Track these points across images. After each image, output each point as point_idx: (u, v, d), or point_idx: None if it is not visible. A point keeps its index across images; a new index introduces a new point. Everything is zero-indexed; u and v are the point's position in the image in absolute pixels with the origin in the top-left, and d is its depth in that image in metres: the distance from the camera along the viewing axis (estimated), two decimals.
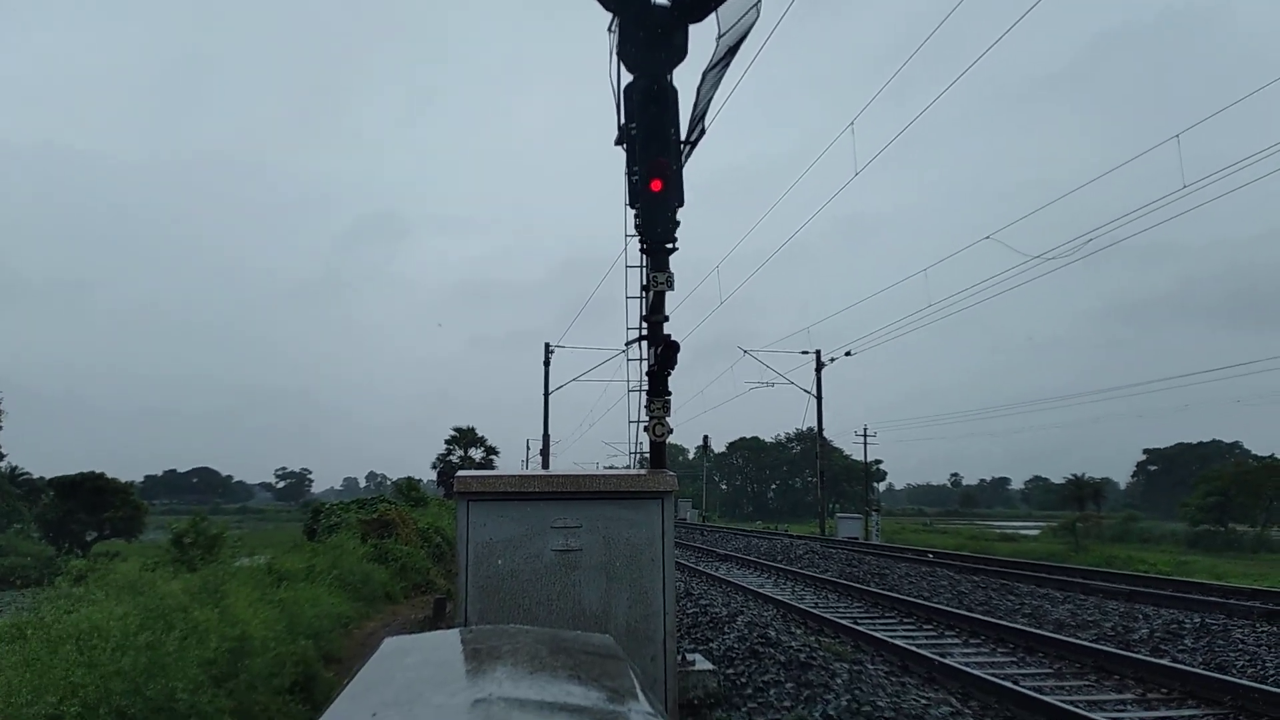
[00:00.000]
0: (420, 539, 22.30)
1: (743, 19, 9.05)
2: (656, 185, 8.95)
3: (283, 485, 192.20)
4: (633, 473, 6.62)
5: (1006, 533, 63.66)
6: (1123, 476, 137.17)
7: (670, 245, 9.26)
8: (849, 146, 15.63)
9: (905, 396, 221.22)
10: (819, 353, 47.05)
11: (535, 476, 6.11)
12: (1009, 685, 8.56)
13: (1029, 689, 8.54)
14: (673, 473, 6.35)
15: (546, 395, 42.82)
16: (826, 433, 50.43)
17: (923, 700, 7.91)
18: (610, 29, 9.35)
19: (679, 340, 9.23)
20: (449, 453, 73.07)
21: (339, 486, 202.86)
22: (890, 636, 11.80)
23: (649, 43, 8.99)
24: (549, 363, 42.60)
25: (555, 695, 1.98)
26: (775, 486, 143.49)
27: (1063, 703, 7.94)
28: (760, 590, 17.89)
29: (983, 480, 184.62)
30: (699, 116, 9.97)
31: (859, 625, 12.81)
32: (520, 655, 2.35)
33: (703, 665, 8.24)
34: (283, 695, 7.44)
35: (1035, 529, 67.33)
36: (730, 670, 9.06)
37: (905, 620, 14.06)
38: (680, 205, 9.20)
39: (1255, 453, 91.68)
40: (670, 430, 9.47)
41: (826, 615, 13.76)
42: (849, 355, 43.46)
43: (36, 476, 62.67)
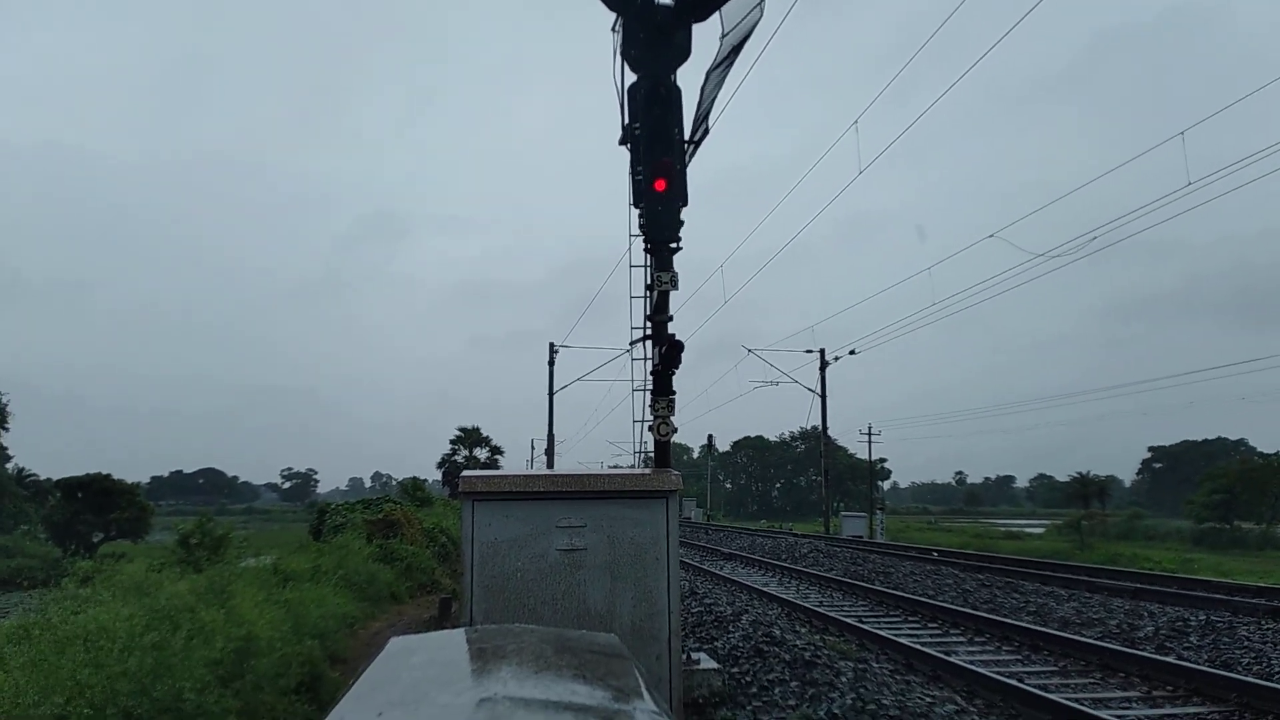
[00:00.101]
0: (425, 539, 22.32)
1: (746, 18, 9.07)
2: (660, 185, 8.96)
3: (288, 486, 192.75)
4: (637, 472, 6.61)
5: (1011, 531, 63.53)
6: (1128, 474, 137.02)
7: (674, 245, 9.28)
8: (853, 146, 15.64)
9: (910, 395, 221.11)
10: (823, 352, 47.09)
11: (540, 476, 6.12)
12: (1014, 683, 8.56)
13: (1034, 687, 8.54)
14: (677, 472, 6.36)
15: (551, 395, 42.92)
16: (831, 431, 50.46)
17: (928, 699, 7.91)
18: (614, 29, 9.37)
19: (683, 340, 9.26)
20: (454, 452, 73.24)
21: (344, 487, 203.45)
22: (895, 635, 11.80)
23: (652, 42, 9.01)
24: (553, 362, 42.72)
25: (561, 694, 1.98)
26: (780, 485, 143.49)
27: (1068, 701, 7.94)
28: (765, 589, 17.89)
29: (987, 478, 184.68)
30: (703, 116, 9.98)
31: (864, 624, 12.80)
32: (525, 655, 2.35)
33: (708, 664, 8.25)
34: (289, 695, 7.46)
35: (1040, 527, 67.19)
36: (735, 669, 9.07)
37: (910, 618, 14.05)
38: (684, 205, 9.22)
39: (1261, 450, 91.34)
40: (674, 429, 9.49)
41: (831, 614, 13.75)
42: (853, 354, 43.52)
43: (43, 478, 63.00)
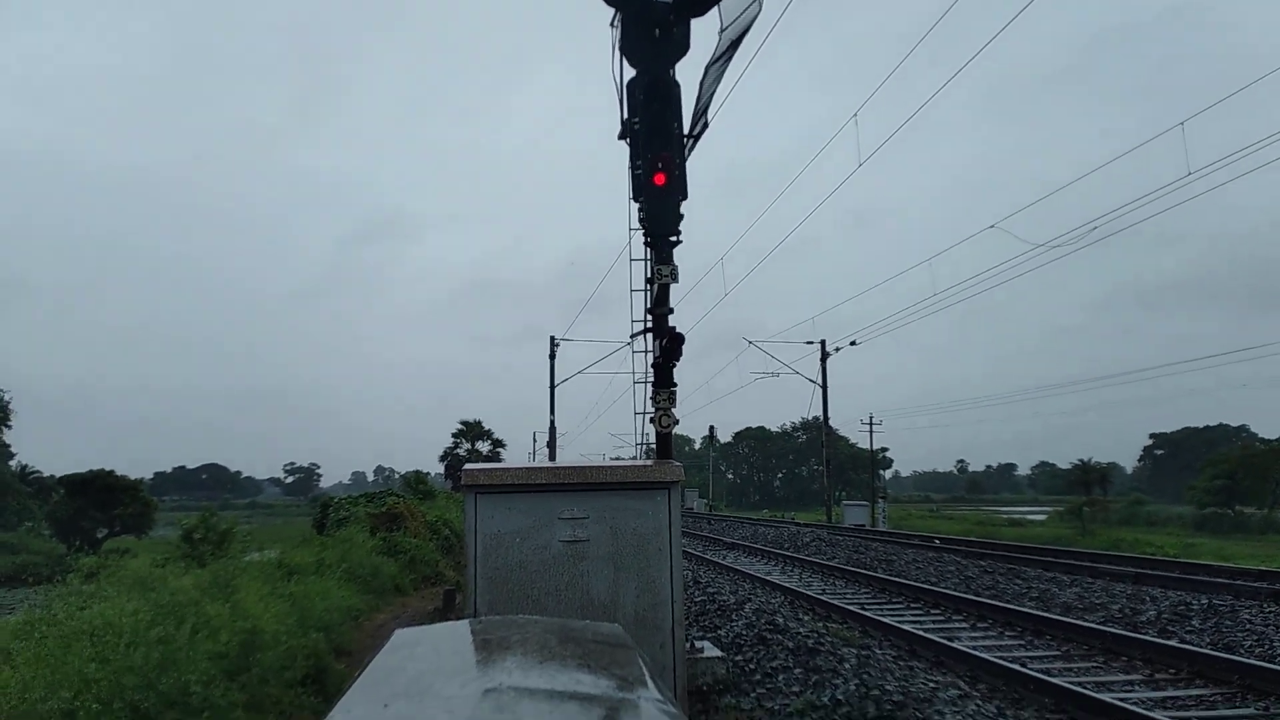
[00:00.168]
0: (429, 532, 22.40)
1: (745, 12, 9.04)
2: (660, 179, 8.95)
3: (291, 480, 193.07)
4: (639, 464, 6.63)
5: (1013, 518, 63.71)
6: (1129, 461, 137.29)
7: (674, 238, 9.27)
8: (853, 138, 15.61)
9: (912, 385, 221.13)
10: (824, 343, 47.07)
11: (542, 469, 6.14)
12: (1016, 668, 8.60)
13: (1037, 671, 8.58)
14: (679, 463, 6.38)
15: (552, 388, 42.93)
16: (832, 421, 50.51)
17: (931, 683, 7.95)
18: (613, 24, 9.35)
19: (684, 332, 9.26)
20: (456, 446, 73.28)
21: (347, 481, 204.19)
22: (898, 621, 11.84)
23: (651, 37, 8.99)
24: (554, 356, 42.72)
25: (565, 684, 2.00)
26: (781, 475, 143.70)
27: (1071, 684, 7.97)
28: (768, 578, 17.93)
29: (989, 466, 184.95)
30: (702, 110, 9.96)
31: (866, 611, 12.85)
32: (530, 645, 2.37)
33: (711, 652, 8.28)
34: (295, 688, 7.51)
35: (1042, 514, 67.37)
36: (739, 657, 9.11)
37: (913, 605, 14.10)
38: (684, 199, 9.21)
39: (1263, 436, 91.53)
40: (676, 421, 9.50)
41: (834, 601, 13.80)
42: (854, 345, 43.55)
43: (47, 475, 63.16)
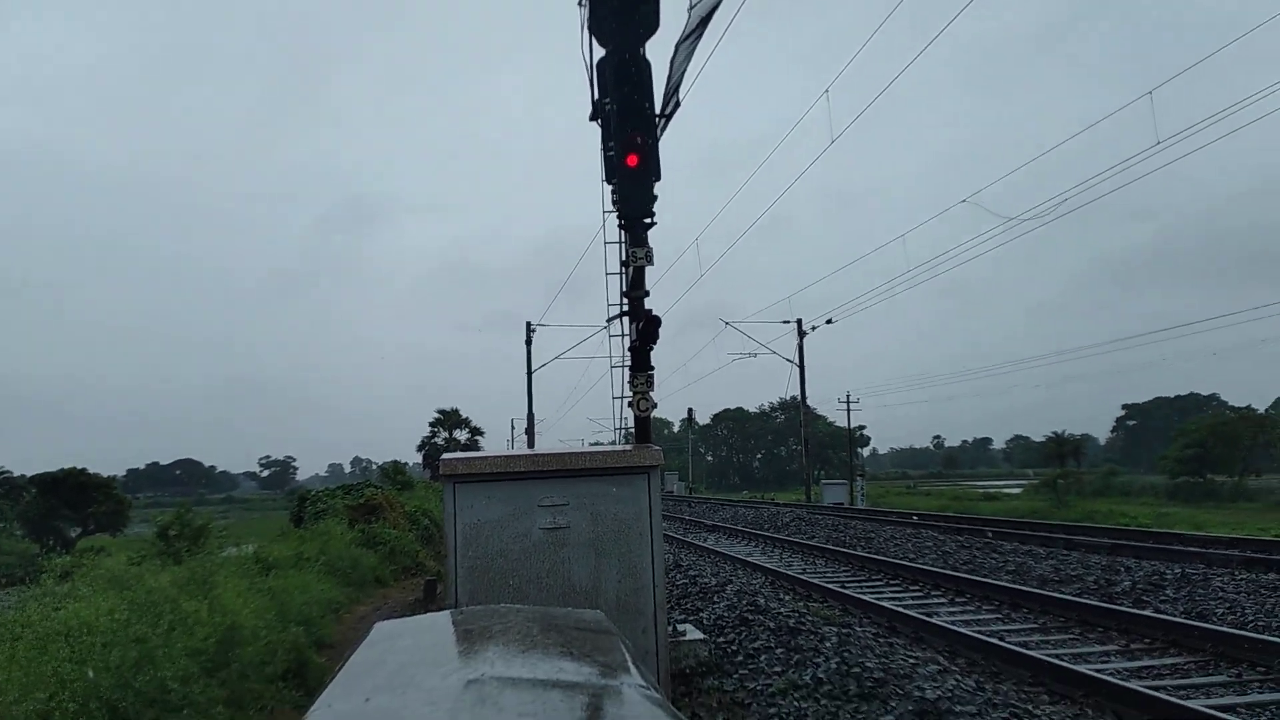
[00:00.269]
0: (408, 522, 22.29)
1: None
2: (633, 160, 8.90)
3: (267, 474, 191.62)
4: (618, 449, 6.62)
5: (989, 492, 64.71)
6: (1102, 432, 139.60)
7: (648, 220, 9.22)
8: (825, 115, 15.57)
9: (890, 364, 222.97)
10: (800, 322, 47.27)
11: (520, 456, 6.11)
12: (995, 642, 8.71)
13: (1015, 645, 8.70)
14: (658, 447, 6.37)
15: (529, 374, 42.78)
16: (810, 401, 50.76)
17: (910, 660, 8.03)
18: (580, 2, 9.24)
19: (660, 315, 9.24)
20: (433, 435, 72.96)
21: (324, 473, 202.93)
22: (878, 599, 11.97)
23: (620, 15, 8.89)
24: (531, 341, 42.52)
25: (548, 672, 1.98)
26: (760, 456, 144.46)
27: (1048, 657, 8.10)
28: (749, 559, 18.05)
29: (965, 441, 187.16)
30: (673, 89, 9.89)
31: (846, 589, 12.97)
32: (511, 634, 2.35)
33: (694, 635, 8.32)
34: (275, 682, 7.46)
35: (1018, 487, 68.39)
36: (721, 639, 9.16)
37: (892, 582, 14.25)
38: (657, 180, 9.16)
39: (1232, 404, 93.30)
40: (654, 405, 9.50)
41: (814, 580, 13.91)
42: (830, 323, 43.72)
43: (17, 475, 62.11)
